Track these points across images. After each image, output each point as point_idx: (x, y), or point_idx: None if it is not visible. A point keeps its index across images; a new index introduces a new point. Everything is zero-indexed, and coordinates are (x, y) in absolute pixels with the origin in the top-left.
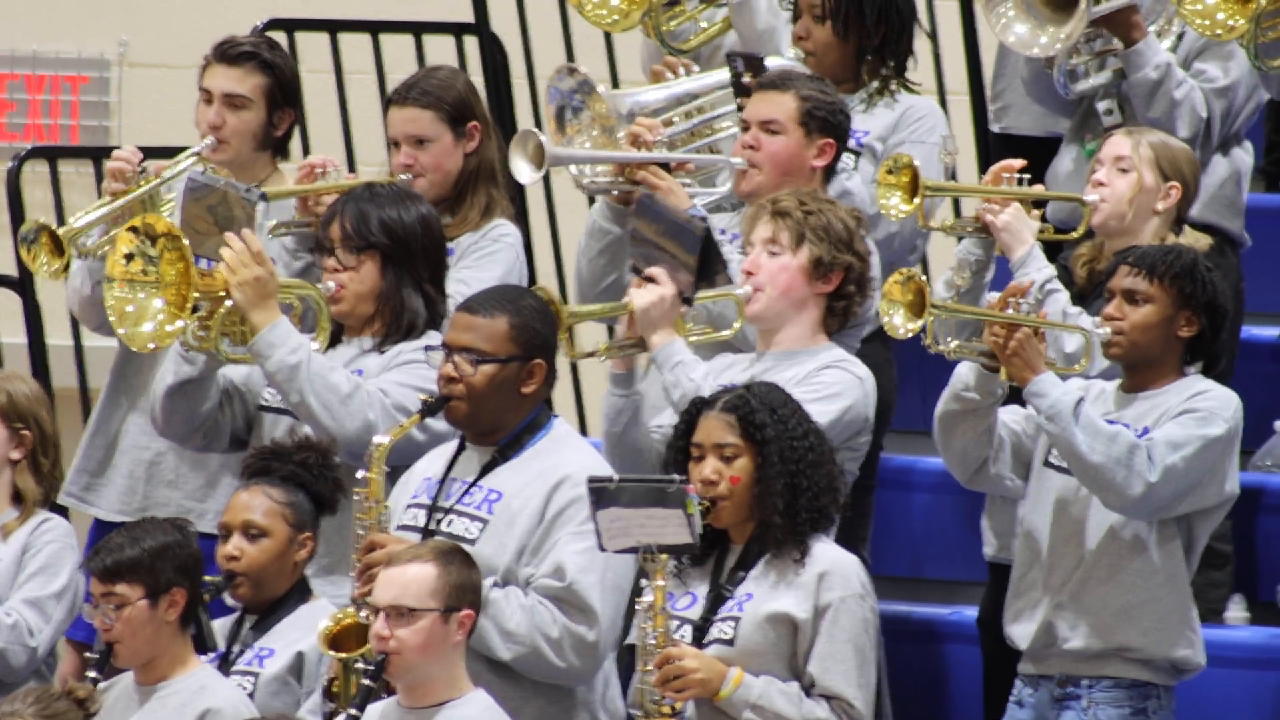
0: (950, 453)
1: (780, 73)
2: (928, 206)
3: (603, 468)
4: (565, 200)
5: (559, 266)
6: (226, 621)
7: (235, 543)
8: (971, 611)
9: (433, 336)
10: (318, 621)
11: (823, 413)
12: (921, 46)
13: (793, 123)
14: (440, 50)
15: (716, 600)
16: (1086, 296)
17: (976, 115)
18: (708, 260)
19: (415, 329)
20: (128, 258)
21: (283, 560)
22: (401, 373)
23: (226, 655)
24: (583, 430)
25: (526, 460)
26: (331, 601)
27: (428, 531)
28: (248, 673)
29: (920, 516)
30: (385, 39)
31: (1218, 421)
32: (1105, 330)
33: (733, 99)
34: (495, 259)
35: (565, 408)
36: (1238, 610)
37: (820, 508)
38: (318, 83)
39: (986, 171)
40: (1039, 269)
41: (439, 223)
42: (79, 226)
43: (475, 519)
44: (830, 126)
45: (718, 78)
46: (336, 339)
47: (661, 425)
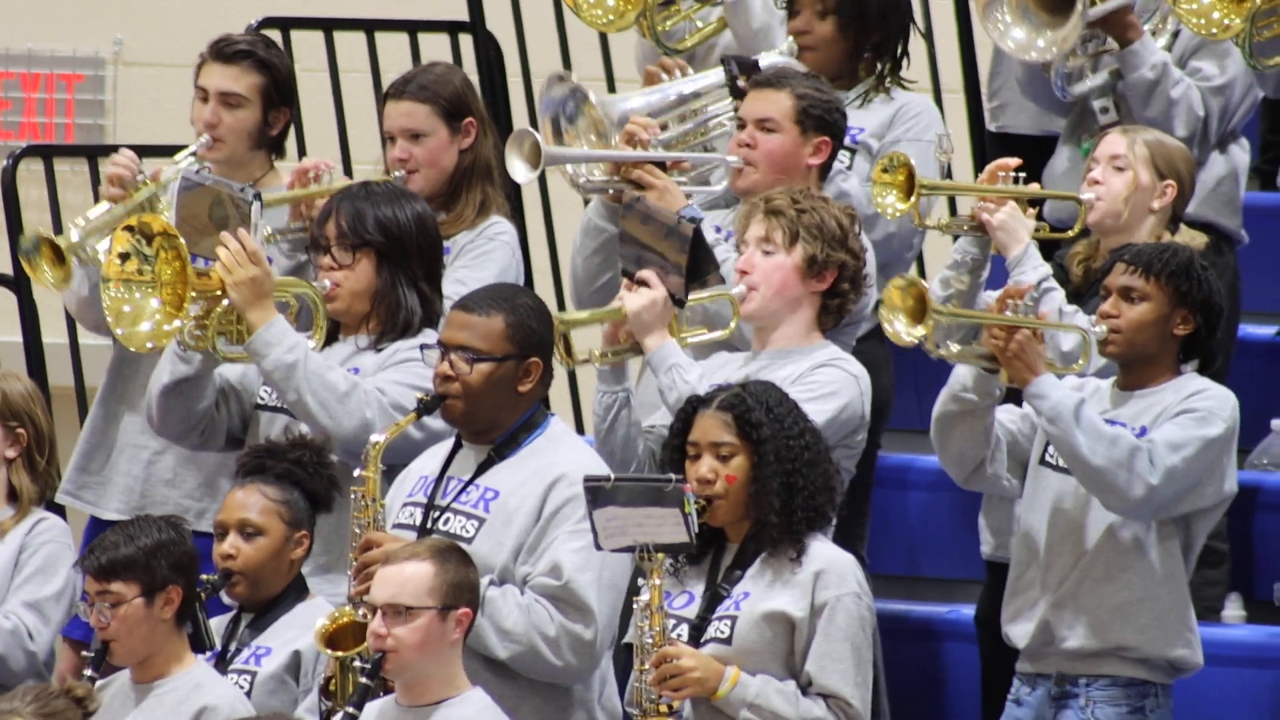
0: (947, 453)
1: (776, 71)
2: (923, 205)
3: (598, 466)
4: (561, 198)
5: (554, 264)
6: (223, 620)
7: (231, 541)
8: (969, 610)
9: (429, 335)
10: (315, 620)
11: (818, 412)
12: (917, 45)
13: (788, 121)
14: (435, 48)
15: (713, 599)
16: (1082, 295)
17: (972, 113)
18: (698, 260)
19: (411, 327)
20: (123, 257)
21: (279, 558)
22: (398, 371)
23: (223, 654)
24: (579, 429)
25: (523, 459)
26: (328, 600)
27: (424, 530)
28: (245, 671)
29: (917, 515)
30: (380, 37)
31: (1216, 421)
32: (1101, 328)
33: (726, 99)
34: (491, 258)
35: (561, 406)
36: (1235, 609)
37: (816, 507)
38: (313, 81)
39: (982, 170)
40: (1035, 268)
41: (435, 221)
42: (78, 239)
43: (472, 517)
44: (826, 125)
45: (711, 79)
46: (333, 337)
47: (655, 425)
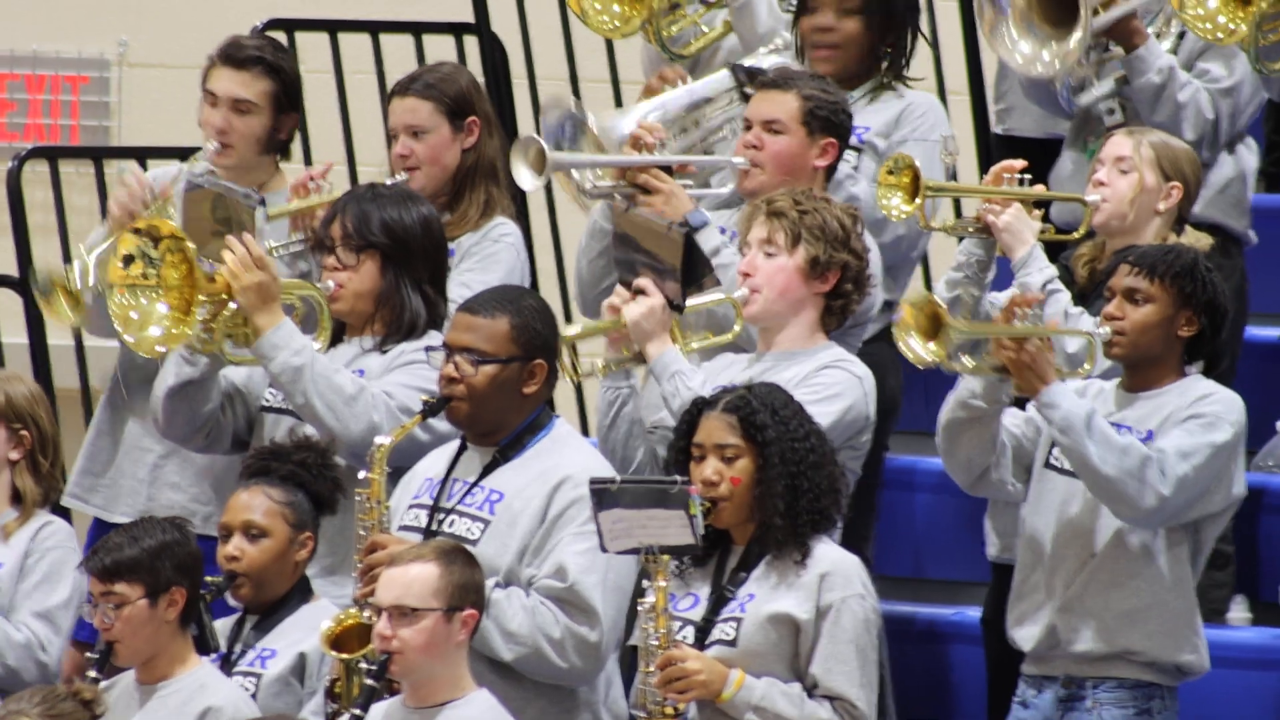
0: (954, 460)
1: (782, 71)
2: (928, 207)
3: (603, 468)
4: (566, 199)
5: (560, 265)
6: (228, 622)
7: (236, 543)
8: (974, 612)
9: (434, 336)
10: (319, 622)
11: (823, 414)
12: (921, 46)
13: (795, 122)
14: (440, 50)
15: (718, 601)
16: (1087, 296)
17: (976, 115)
18: (692, 265)
19: (416, 329)
20: (126, 260)
21: (283, 560)
22: (405, 374)
23: (228, 656)
24: (584, 430)
25: (528, 461)
26: (333, 602)
27: (429, 532)
28: (250, 673)
29: (922, 517)
30: (385, 39)
31: (1224, 426)
32: (1105, 330)
33: (732, 105)
34: (496, 260)
35: (566, 408)
36: (1240, 611)
37: (821, 509)
38: (318, 83)
39: (987, 172)
40: (1040, 269)
41: (440, 224)
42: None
43: (477, 519)
44: (833, 126)
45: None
46: (337, 338)
47: (660, 425)
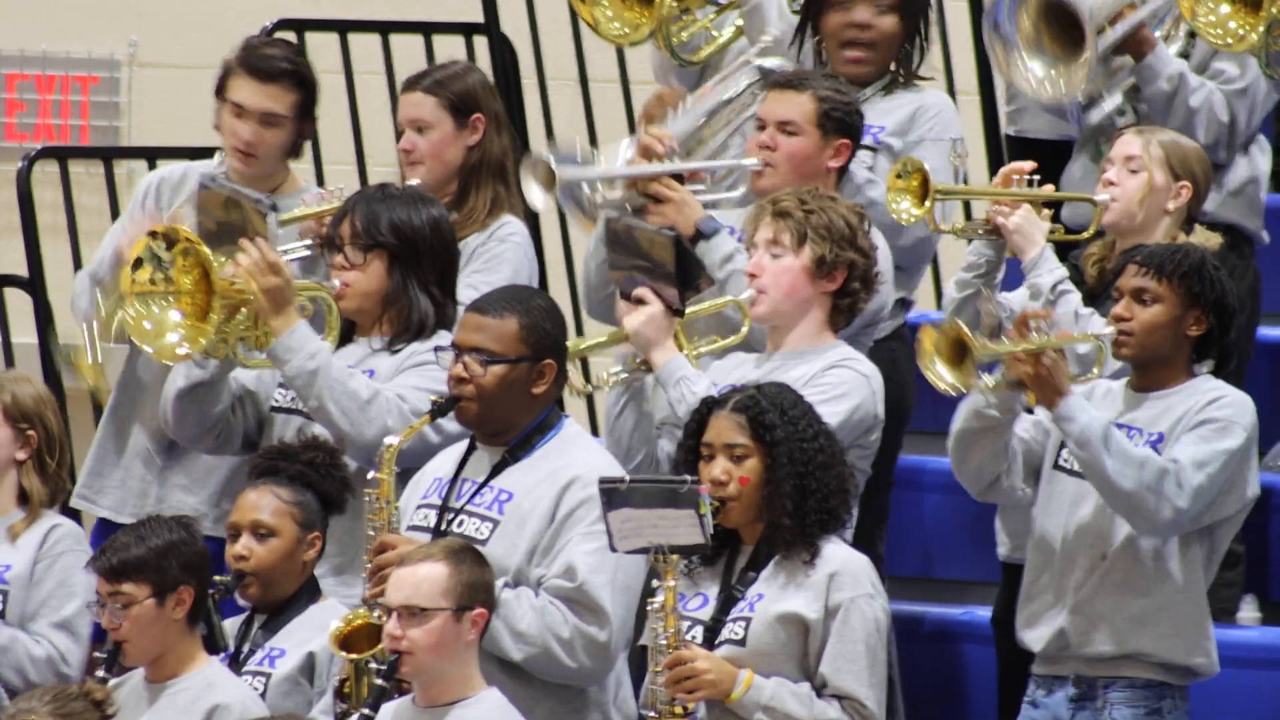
0: (966, 468)
1: (796, 72)
2: (939, 210)
3: (613, 468)
4: None
5: (569, 266)
6: (236, 621)
7: (244, 542)
8: (983, 611)
9: (444, 337)
10: (328, 621)
11: (830, 414)
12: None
13: (810, 124)
14: (450, 50)
15: (727, 601)
16: (1097, 296)
17: (986, 115)
18: (686, 268)
19: (425, 329)
20: (136, 264)
21: (291, 560)
22: (417, 375)
23: (236, 655)
24: (593, 430)
25: (537, 460)
26: (341, 602)
27: (438, 532)
28: (259, 673)
29: (931, 516)
30: (395, 39)
31: (1236, 430)
32: (1111, 330)
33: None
34: (502, 260)
35: (575, 407)
36: (1249, 610)
37: (830, 509)
38: (328, 83)
39: (996, 172)
40: (1050, 270)
41: (451, 226)
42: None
43: (486, 519)
44: (847, 127)
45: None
46: (347, 339)
47: (668, 421)
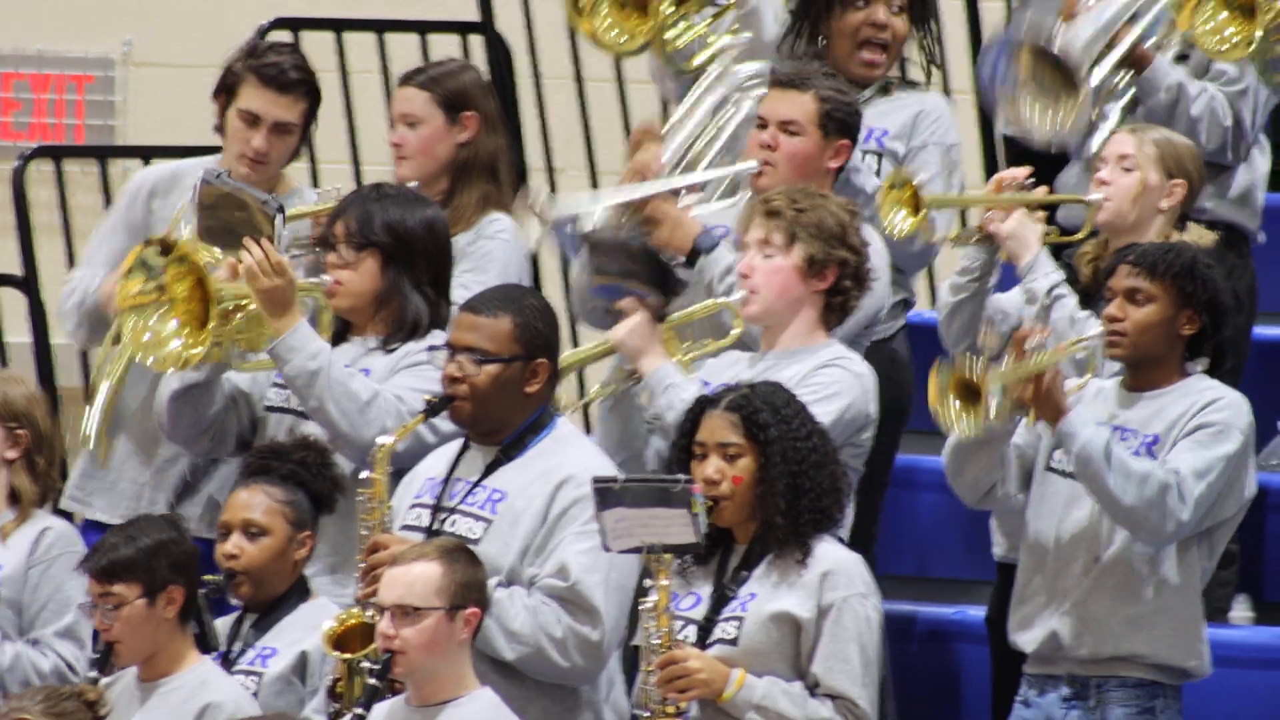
0: (962, 480)
1: (798, 70)
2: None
3: (606, 467)
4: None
5: (564, 266)
6: (226, 621)
7: (235, 541)
8: (977, 611)
9: (437, 337)
10: (319, 620)
11: (822, 413)
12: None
13: (812, 124)
14: (445, 49)
15: (720, 600)
16: (1092, 295)
17: (982, 115)
18: (660, 273)
19: (419, 329)
20: (128, 273)
21: (282, 559)
22: (413, 376)
23: (227, 654)
24: (586, 430)
25: (530, 460)
26: (333, 601)
27: (431, 531)
28: (251, 672)
29: (926, 516)
30: (390, 38)
31: (1233, 433)
32: (1100, 330)
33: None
34: (490, 258)
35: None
36: (1243, 610)
37: (823, 508)
38: (323, 82)
39: (992, 173)
40: (1046, 274)
41: (446, 228)
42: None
43: (479, 519)
44: (847, 128)
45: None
46: (341, 337)
47: (657, 417)
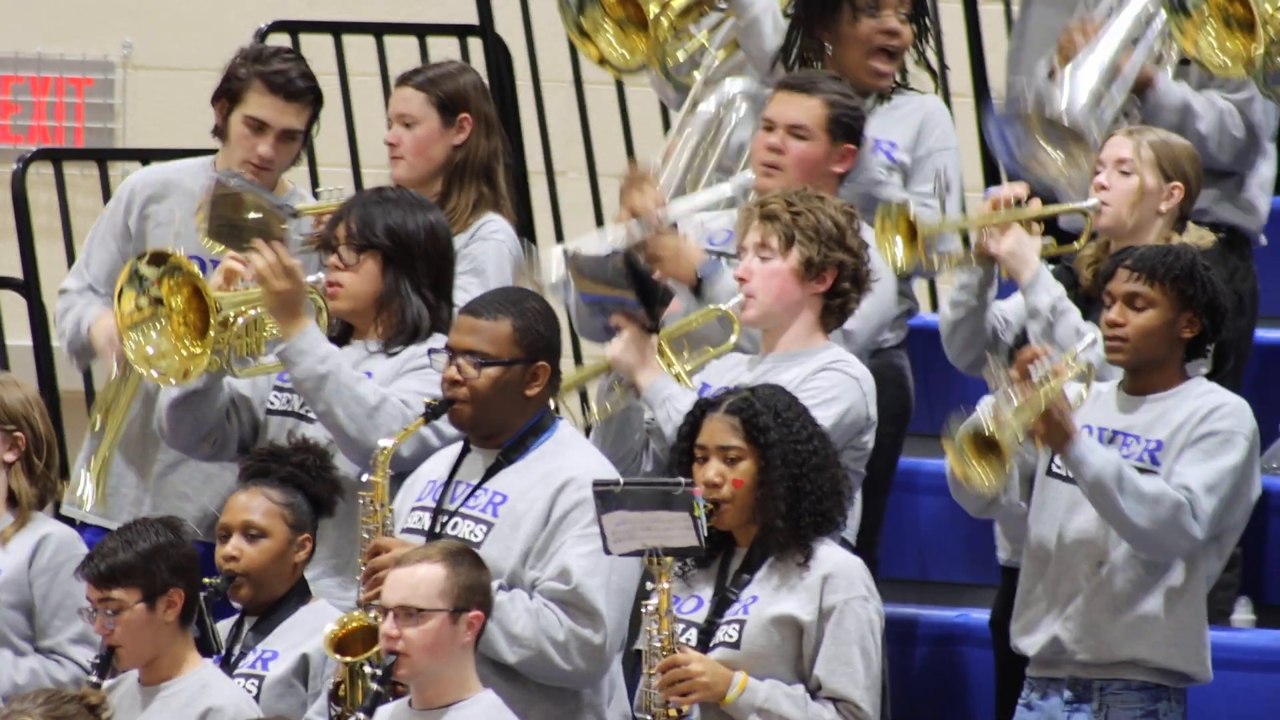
0: (965, 495)
1: (806, 74)
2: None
3: (607, 470)
4: (572, 203)
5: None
6: (226, 624)
7: (235, 544)
8: (979, 614)
9: (438, 339)
10: (320, 623)
11: (822, 417)
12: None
13: (820, 129)
14: (444, 52)
15: (721, 603)
16: (1093, 299)
17: (980, 118)
18: (643, 286)
19: (420, 332)
20: (120, 293)
21: (282, 561)
22: (417, 380)
23: (227, 658)
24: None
25: (531, 463)
26: (333, 603)
27: (433, 534)
28: (252, 675)
29: (927, 519)
30: (389, 41)
31: (1238, 441)
32: (1094, 336)
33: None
34: (485, 260)
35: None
36: (1244, 612)
37: (823, 511)
38: (322, 85)
39: (991, 174)
40: (1047, 290)
41: (448, 232)
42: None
43: (480, 522)
44: (854, 133)
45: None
46: (342, 340)
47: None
